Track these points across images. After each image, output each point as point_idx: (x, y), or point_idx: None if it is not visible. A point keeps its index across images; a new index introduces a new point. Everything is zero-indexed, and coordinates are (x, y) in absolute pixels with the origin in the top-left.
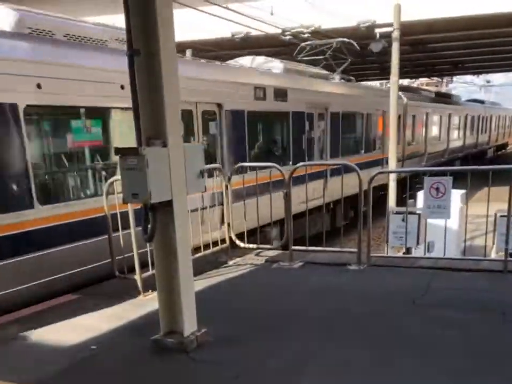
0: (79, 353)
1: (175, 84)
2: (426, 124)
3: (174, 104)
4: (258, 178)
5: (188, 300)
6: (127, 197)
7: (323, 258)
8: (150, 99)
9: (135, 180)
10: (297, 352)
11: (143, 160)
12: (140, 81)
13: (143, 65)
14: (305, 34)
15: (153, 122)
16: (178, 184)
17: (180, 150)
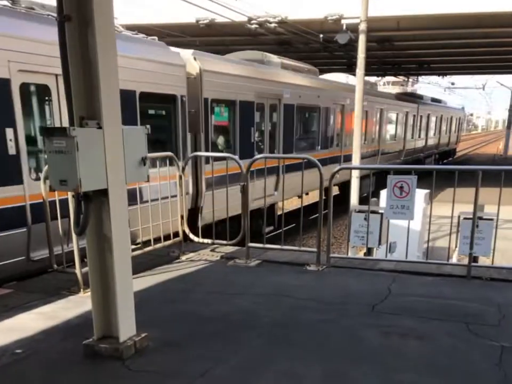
0: (2, 357)
1: (113, 56)
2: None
3: (111, 80)
4: (215, 171)
5: (125, 301)
6: (55, 184)
7: (281, 257)
8: (84, 73)
9: (63, 165)
10: (245, 362)
11: (73, 142)
12: (72, 53)
13: (75, 33)
14: (272, 24)
15: (87, 100)
16: (115, 171)
17: (117, 133)
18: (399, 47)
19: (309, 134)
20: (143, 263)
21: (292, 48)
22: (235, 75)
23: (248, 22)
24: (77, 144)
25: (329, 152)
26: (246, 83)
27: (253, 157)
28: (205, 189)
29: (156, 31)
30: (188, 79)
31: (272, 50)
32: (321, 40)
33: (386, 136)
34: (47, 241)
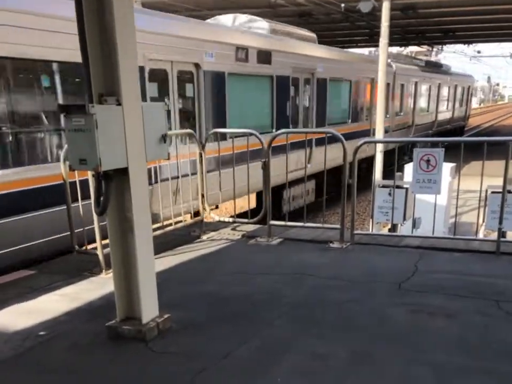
0: (26, 340)
1: (131, 31)
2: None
3: (130, 55)
4: (237, 147)
5: (148, 282)
6: (74, 164)
7: (303, 235)
8: (102, 49)
9: (83, 144)
10: (269, 342)
11: (92, 120)
12: (89, 25)
13: (93, 7)
14: None
15: (106, 76)
16: (136, 149)
17: (137, 110)
18: (423, 14)
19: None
20: (164, 243)
21: (312, 20)
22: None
23: None
24: (96, 121)
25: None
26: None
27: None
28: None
29: (172, 5)
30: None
31: (292, 22)
32: (343, 10)
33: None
34: (68, 222)
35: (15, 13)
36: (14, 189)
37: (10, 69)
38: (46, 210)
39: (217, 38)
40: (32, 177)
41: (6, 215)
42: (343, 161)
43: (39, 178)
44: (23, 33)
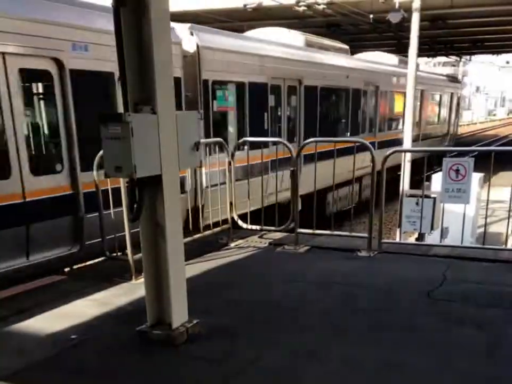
0: (58, 343)
1: (167, 42)
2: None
3: (165, 65)
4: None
5: (178, 288)
6: (109, 171)
7: (331, 243)
8: (138, 59)
9: (118, 151)
10: (297, 349)
11: (128, 128)
12: (127, 38)
13: (130, 19)
14: (321, 6)
15: (142, 86)
16: (169, 157)
17: (171, 118)
18: (452, 25)
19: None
20: (193, 250)
21: (340, 30)
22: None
23: (296, 4)
24: (132, 130)
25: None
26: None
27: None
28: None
29: (204, 16)
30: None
31: (320, 32)
32: (371, 20)
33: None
34: (100, 228)
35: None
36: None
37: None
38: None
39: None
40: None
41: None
42: (372, 171)
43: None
44: None
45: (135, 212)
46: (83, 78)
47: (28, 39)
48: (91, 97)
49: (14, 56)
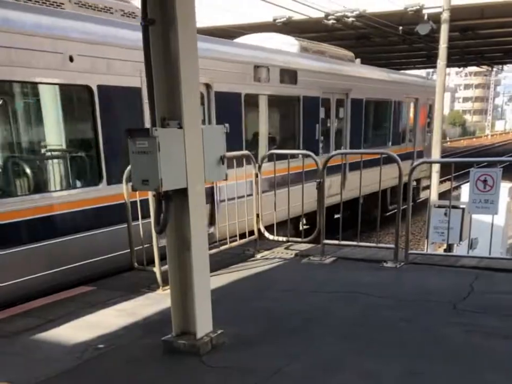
0: (85, 352)
1: (194, 58)
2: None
3: (192, 80)
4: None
5: (203, 298)
6: (137, 184)
7: (357, 254)
8: (166, 75)
9: (146, 165)
10: (321, 360)
11: (155, 143)
12: (155, 55)
13: (158, 36)
14: (350, 19)
15: (169, 101)
16: (195, 170)
17: (197, 133)
18: (482, 35)
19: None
20: (219, 261)
21: (369, 42)
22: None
23: (325, 18)
24: (159, 144)
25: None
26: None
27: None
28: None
29: (232, 31)
30: None
31: (349, 45)
32: (401, 32)
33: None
34: (128, 240)
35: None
36: None
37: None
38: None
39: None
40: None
41: None
42: (399, 182)
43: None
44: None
45: (161, 224)
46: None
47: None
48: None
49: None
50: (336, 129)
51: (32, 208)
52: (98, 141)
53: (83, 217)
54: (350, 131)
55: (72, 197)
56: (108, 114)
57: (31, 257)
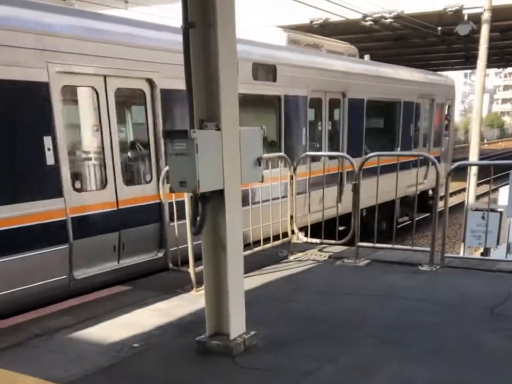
0: (120, 351)
1: (233, 60)
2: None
3: (231, 83)
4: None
5: (237, 300)
6: (175, 186)
7: (392, 257)
8: (205, 77)
9: (183, 167)
10: (355, 363)
11: (193, 145)
12: (195, 57)
13: (198, 39)
14: (388, 20)
15: (207, 103)
16: (232, 172)
17: (235, 135)
18: None
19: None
20: (253, 263)
21: (406, 43)
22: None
23: (362, 19)
24: (197, 146)
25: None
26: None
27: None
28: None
29: None
30: None
31: (387, 46)
32: (439, 33)
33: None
34: (164, 241)
35: None
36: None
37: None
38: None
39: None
40: None
41: None
42: (436, 184)
43: None
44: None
45: (198, 225)
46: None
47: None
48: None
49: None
50: (330, 134)
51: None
52: None
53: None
54: (347, 135)
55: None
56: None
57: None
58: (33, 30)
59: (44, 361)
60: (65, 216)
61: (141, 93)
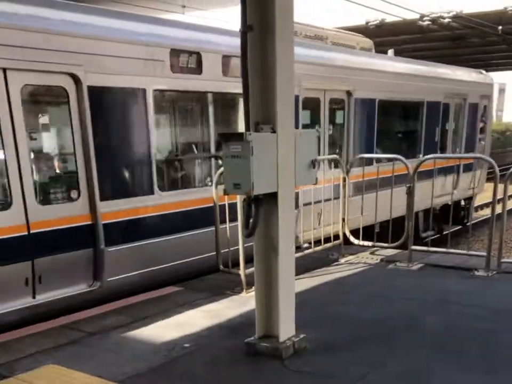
0: (172, 350)
1: (290, 63)
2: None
3: (287, 86)
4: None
5: (287, 302)
6: (229, 188)
7: (446, 261)
8: (262, 80)
9: (238, 169)
10: (406, 369)
11: (248, 147)
12: (252, 60)
13: (256, 42)
14: (446, 19)
15: (263, 106)
16: (286, 174)
17: (290, 137)
18: None
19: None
20: (303, 265)
21: (465, 43)
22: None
23: (420, 19)
24: (252, 148)
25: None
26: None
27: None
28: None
29: None
30: None
31: (443, 46)
32: (500, 32)
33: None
34: (215, 243)
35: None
36: None
37: None
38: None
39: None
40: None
41: None
42: (494, 188)
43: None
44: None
45: (250, 227)
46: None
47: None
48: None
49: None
50: (331, 139)
51: None
52: None
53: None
54: (353, 140)
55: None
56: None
57: None
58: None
59: (98, 359)
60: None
61: (62, 91)
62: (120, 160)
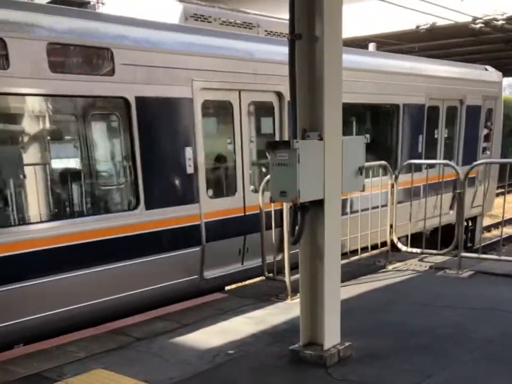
0: (216, 356)
1: (338, 71)
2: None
3: (335, 93)
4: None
5: (332, 309)
6: (275, 196)
7: (497, 269)
8: (309, 88)
9: (285, 177)
10: (456, 379)
11: (295, 155)
12: (300, 68)
13: (304, 51)
14: (499, 21)
15: (311, 113)
16: (333, 182)
17: (337, 144)
18: None
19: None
20: (349, 272)
21: None
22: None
23: (472, 22)
24: (299, 156)
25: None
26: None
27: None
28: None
29: (372, 41)
30: None
31: (497, 49)
32: None
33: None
34: (261, 250)
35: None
36: None
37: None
38: None
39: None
40: None
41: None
42: None
43: None
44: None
45: (296, 235)
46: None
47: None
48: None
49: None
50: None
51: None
52: None
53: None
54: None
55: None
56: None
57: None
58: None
59: (145, 363)
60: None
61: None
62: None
